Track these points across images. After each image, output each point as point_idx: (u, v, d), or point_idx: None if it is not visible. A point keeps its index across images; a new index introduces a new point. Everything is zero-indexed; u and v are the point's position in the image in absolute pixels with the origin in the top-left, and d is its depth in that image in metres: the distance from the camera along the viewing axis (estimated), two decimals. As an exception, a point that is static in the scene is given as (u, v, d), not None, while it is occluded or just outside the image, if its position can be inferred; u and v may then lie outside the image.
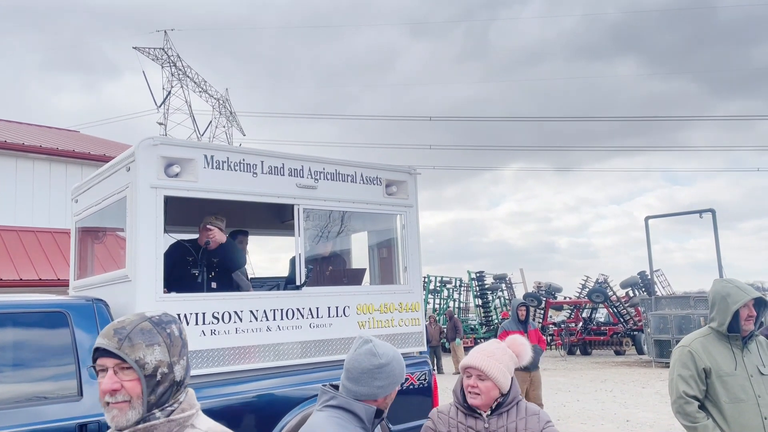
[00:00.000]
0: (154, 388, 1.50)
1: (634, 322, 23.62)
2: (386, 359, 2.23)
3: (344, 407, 2.18)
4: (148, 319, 1.56)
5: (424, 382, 4.94)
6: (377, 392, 2.21)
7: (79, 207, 5.18)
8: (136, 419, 1.49)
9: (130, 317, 1.56)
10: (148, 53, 43.51)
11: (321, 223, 5.55)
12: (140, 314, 1.57)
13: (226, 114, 48.08)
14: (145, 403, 1.49)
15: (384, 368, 2.21)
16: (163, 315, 1.60)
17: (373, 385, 2.20)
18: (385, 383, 2.21)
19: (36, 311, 3.63)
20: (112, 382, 1.48)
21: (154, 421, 1.51)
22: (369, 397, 2.21)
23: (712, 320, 3.35)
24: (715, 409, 3.22)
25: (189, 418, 1.57)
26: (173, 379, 1.54)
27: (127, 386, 1.49)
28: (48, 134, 16.87)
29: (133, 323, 1.53)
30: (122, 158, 4.22)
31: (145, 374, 1.48)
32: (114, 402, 1.49)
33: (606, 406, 11.36)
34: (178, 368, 1.55)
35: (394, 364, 2.25)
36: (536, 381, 8.23)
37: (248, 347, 4.24)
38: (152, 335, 1.52)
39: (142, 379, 1.48)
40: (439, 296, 28.91)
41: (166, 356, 1.52)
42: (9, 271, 11.40)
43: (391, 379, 2.23)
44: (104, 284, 4.42)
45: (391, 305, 5.02)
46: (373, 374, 2.20)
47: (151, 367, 1.49)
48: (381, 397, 2.22)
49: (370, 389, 2.20)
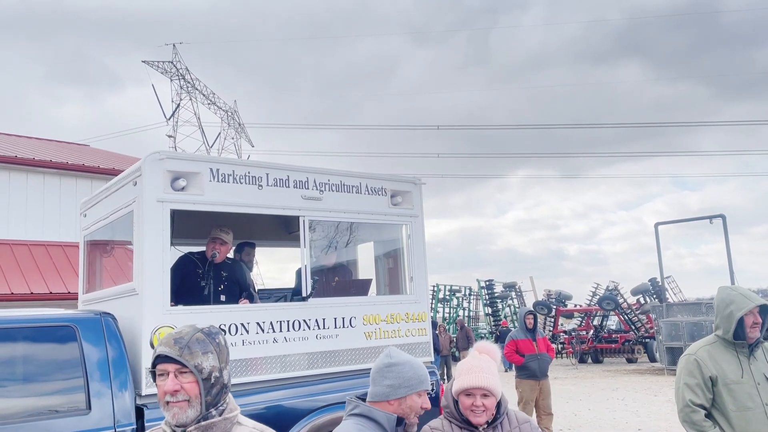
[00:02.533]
0: (209, 389, 1.74)
1: (645, 329, 23.45)
2: (397, 360, 2.31)
3: (366, 415, 2.25)
4: (200, 330, 1.80)
5: (431, 393, 4.92)
6: (388, 392, 2.26)
7: (87, 221, 5.23)
8: (196, 416, 1.72)
9: (186, 329, 1.80)
10: (157, 66, 43.91)
11: (327, 234, 5.57)
12: (193, 326, 1.82)
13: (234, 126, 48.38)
14: (203, 403, 1.73)
15: (393, 367, 2.28)
16: (212, 327, 1.85)
17: (383, 384, 2.27)
18: (395, 383, 2.27)
19: (45, 325, 3.66)
20: (174, 384, 1.71)
21: (212, 419, 1.74)
22: (381, 398, 2.27)
23: (717, 328, 3.33)
24: (722, 417, 3.19)
25: (236, 417, 1.81)
26: (223, 382, 1.78)
27: (186, 387, 1.72)
28: (58, 148, 17.04)
29: (190, 334, 1.77)
30: (129, 173, 4.27)
31: (203, 378, 1.72)
32: (174, 401, 1.71)
33: (618, 415, 11.27)
34: (226, 373, 1.80)
35: (406, 367, 2.30)
36: (545, 390, 8.18)
37: (255, 359, 4.25)
38: (206, 344, 1.76)
39: (200, 382, 1.72)
40: (448, 305, 28.85)
41: (217, 362, 1.77)
42: (20, 285, 11.49)
43: (402, 380, 2.27)
44: (112, 298, 4.46)
45: (397, 315, 5.03)
46: (382, 373, 2.28)
47: (206, 372, 1.73)
48: (393, 398, 2.27)
49: (381, 388, 2.27)
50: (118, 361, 3.78)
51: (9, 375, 3.45)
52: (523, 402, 8.12)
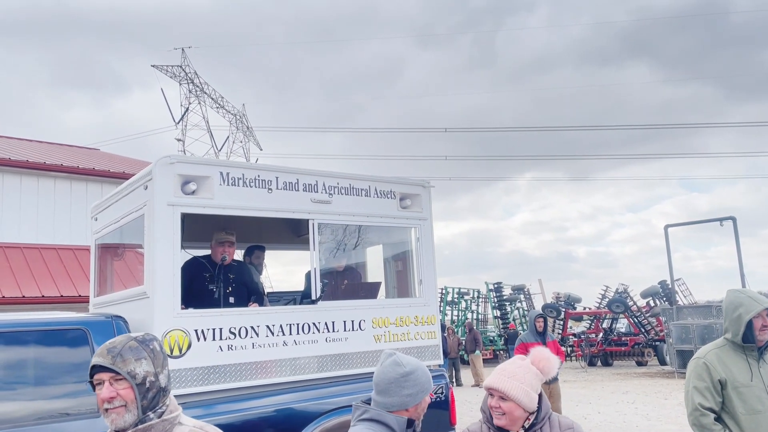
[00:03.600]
0: (145, 394, 1.79)
1: (655, 332, 23.31)
2: (410, 368, 2.32)
3: (377, 419, 2.26)
4: (133, 338, 1.86)
5: (441, 396, 4.93)
6: (407, 401, 2.29)
7: (98, 225, 5.26)
8: (134, 420, 1.78)
9: (119, 338, 1.86)
10: (166, 71, 44.12)
11: (336, 237, 5.59)
12: (127, 335, 1.88)
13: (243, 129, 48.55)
14: (139, 407, 1.78)
15: (409, 376, 2.30)
16: (146, 334, 1.91)
17: (401, 394, 2.28)
18: (413, 391, 2.29)
19: (56, 328, 3.70)
20: (109, 391, 1.77)
21: (149, 422, 1.80)
22: (400, 407, 2.29)
23: (726, 331, 3.31)
24: (732, 421, 3.18)
25: (177, 417, 1.87)
26: (159, 385, 1.84)
27: (122, 393, 1.78)
28: (68, 152, 17.16)
29: (122, 343, 1.83)
30: (140, 177, 4.30)
31: (137, 383, 1.78)
32: (112, 408, 1.78)
33: (628, 419, 11.21)
34: (162, 377, 1.85)
35: (419, 373, 2.33)
36: (555, 393, 8.16)
37: (265, 362, 4.27)
38: (139, 351, 1.82)
39: (134, 387, 1.77)
40: (456, 308, 28.79)
41: (151, 367, 1.83)
42: (31, 288, 11.57)
43: (419, 387, 2.31)
44: (123, 301, 4.49)
45: (406, 318, 5.03)
46: (400, 383, 2.29)
47: (141, 377, 1.79)
48: (411, 406, 2.30)
49: (400, 398, 2.28)
50: (129, 364, 3.80)
51: (21, 378, 3.48)
52: (532, 405, 8.09)
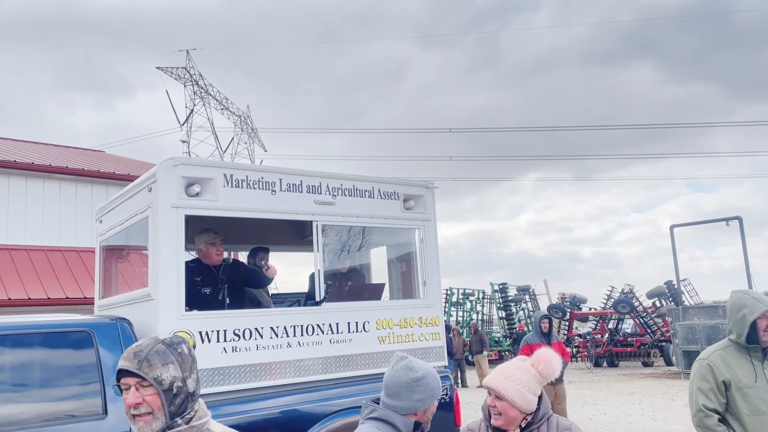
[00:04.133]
0: (172, 400, 1.73)
1: (661, 332, 23.22)
2: (422, 373, 2.34)
3: (384, 419, 2.29)
4: (161, 341, 1.79)
5: (446, 397, 4.92)
6: (417, 405, 2.31)
7: (103, 227, 5.28)
8: (161, 427, 1.73)
9: (146, 341, 1.79)
10: (171, 73, 44.24)
11: (340, 239, 5.59)
12: (154, 338, 1.81)
13: (247, 131, 48.63)
14: (166, 414, 1.73)
15: (421, 381, 2.32)
16: (174, 337, 1.85)
17: (412, 398, 2.31)
18: (424, 396, 2.32)
19: (62, 331, 3.71)
20: (135, 397, 1.72)
21: (177, 428, 1.75)
22: (409, 411, 2.31)
23: (730, 332, 3.30)
24: (736, 422, 3.16)
25: (205, 424, 1.81)
26: (187, 391, 1.77)
27: (148, 400, 1.72)
28: (74, 155, 17.22)
29: (149, 346, 1.76)
30: (144, 179, 4.31)
31: (163, 389, 1.72)
32: (138, 414, 1.73)
33: (634, 419, 11.17)
34: (190, 381, 1.78)
35: (430, 378, 2.36)
36: (561, 394, 8.14)
37: (269, 363, 4.27)
38: (166, 355, 1.76)
39: (161, 393, 1.72)
40: (462, 308, 28.75)
41: (179, 372, 1.76)
42: (37, 290, 11.61)
43: (429, 392, 2.34)
44: (128, 303, 4.50)
45: (410, 320, 5.03)
46: (411, 388, 2.31)
47: (167, 383, 1.73)
48: (420, 410, 2.33)
49: (410, 402, 2.31)
50: (133, 366, 3.80)
51: (27, 380, 3.49)
52: (537, 406, 8.08)
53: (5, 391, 3.43)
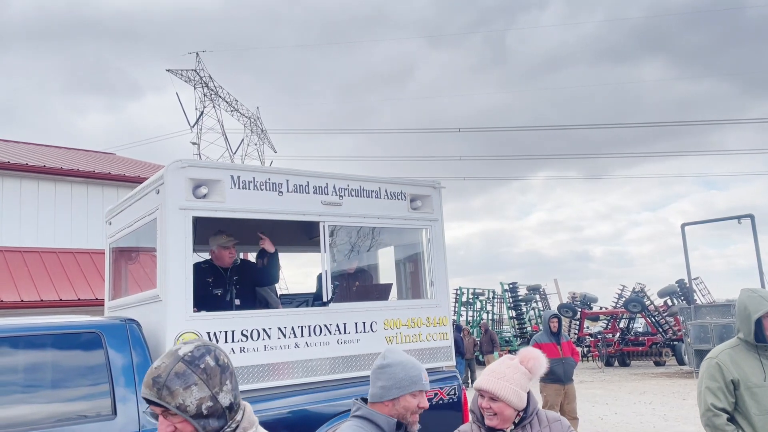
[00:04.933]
0: (206, 421, 1.56)
1: (673, 331, 23.08)
2: (389, 361, 2.33)
3: (367, 417, 2.29)
4: (181, 359, 1.58)
5: (454, 397, 4.92)
6: (382, 393, 2.30)
7: (112, 229, 5.32)
8: None
9: (165, 361, 1.59)
10: (180, 75, 44.46)
11: (347, 239, 5.60)
12: (174, 354, 1.60)
13: (257, 132, 48.78)
14: None
15: (385, 369, 2.31)
16: (196, 349, 1.60)
17: (376, 385, 2.31)
18: (387, 384, 2.29)
19: (71, 332, 3.74)
20: (165, 427, 1.57)
21: None
22: (376, 398, 2.31)
23: (738, 331, 3.28)
24: (745, 421, 3.14)
25: None
26: (220, 407, 1.58)
27: (179, 427, 1.56)
28: (85, 157, 17.36)
29: (168, 368, 1.56)
30: (152, 181, 4.34)
31: (191, 415, 1.54)
32: None
33: (645, 419, 11.11)
34: (223, 395, 1.59)
35: (397, 368, 2.31)
36: (570, 394, 8.10)
37: (277, 364, 4.29)
38: (187, 376, 1.55)
39: (190, 420, 1.54)
40: (472, 308, 28.71)
41: (206, 391, 1.56)
42: (49, 292, 11.72)
43: (393, 381, 2.29)
44: (137, 304, 4.53)
45: (418, 320, 5.03)
46: (376, 374, 2.32)
47: (194, 408, 1.54)
48: (387, 399, 2.29)
49: (375, 389, 2.32)
50: (142, 366, 3.83)
51: (36, 381, 3.53)
52: (548, 406, 8.05)
53: (17, 392, 3.46)
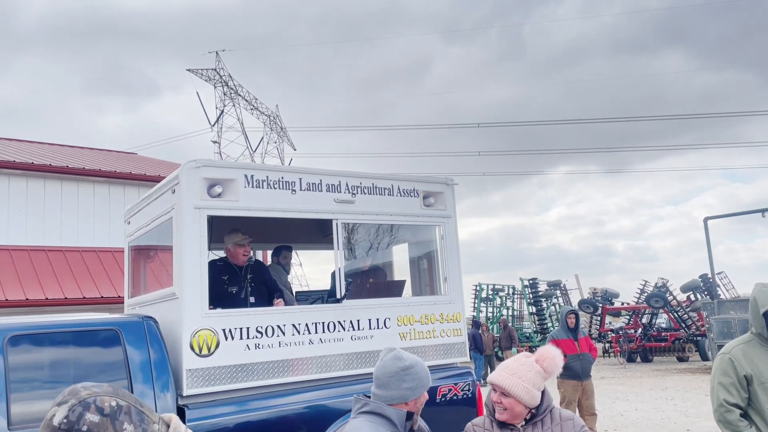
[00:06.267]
0: None
1: (696, 327, 22.79)
2: (411, 362, 2.40)
3: (377, 412, 2.33)
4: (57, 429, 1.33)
5: (468, 393, 4.95)
6: (407, 394, 2.36)
7: (131, 228, 5.43)
8: None
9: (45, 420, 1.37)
10: (201, 74, 44.85)
11: (361, 237, 5.64)
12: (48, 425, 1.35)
13: (276, 130, 49.05)
14: None
15: (410, 370, 2.37)
16: (71, 412, 1.35)
17: (401, 387, 2.35)
18: (413, 384, 2.37)
19: (90, 329, 3.84)
20: None
21: None
22: (400, 400, 2.36)
23: (751, 325, 3.26)
24: (758, 417, 3.12)
25: None
26: None
27: None
28: (107, 158, 17.63)
29: None
30: (168, 181, 4.42)
31: None
32: None
33: (666, 415, 11.02)
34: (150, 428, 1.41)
35: (419, 367, 2.41)
36: (588, 390, 8.07)
37: (292, 360, 4.35)
38: None
39: None
40: (491, 304, 28.63)
41: None
42: (72, 290, 11.94)
43: (418, 381, 2.38)
44: (155, 302, 4.62)
45: (432, 316, 5.06)
46: (400, 377, 2.36)
47: None
48: (411, 399, 2.37)
49: (400, 392, 2.35)
50: (159, 362, 3.92)
51: (56, 377, 3.62)
52: (565, 402, 8.03)
53: (38, 388, 3.56)
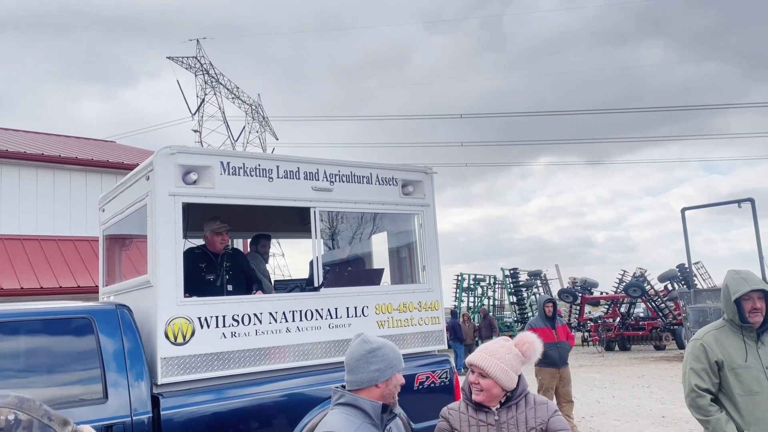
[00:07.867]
0: None
1: (673, 316, 23.14)
2: (377, 344, 2.38)
3: (352, 404, 2.32)
4: None
5: (446, 380, 4.96)
6: (376, 376, 2.34)
7: (105, 216, 5.35)
8: None
9: None
10: (181, 62, 44.30)
11: (339, 225, 5.61)
12: None
13: (258, 119, 48.69)
14: None
15: (377, 352, 2.36)
16: None
17: (370, 369, 2.34)
18: (381, 366, 2.34)
19: (63, 317, 3.78)
20: None
21: None
22: (369, 383, 2.34)
23: (723, 312, 3.30)
24: (728, 402, 3.17)
25: None
26: None
27: None
28: (84, 145, 17.37)
29: None
30: (142, 168, 4.36)
31: None
32: None
33: (642, 402, 11.18)
34: None
35: (387, 349, 2.39)
36: (565, 377, 8.15)
37: (268, 348, 4.32)
38: None
39: None
40: (473, 294, 28.80)
41: None
42: (49, 279, 11.79)
43: (387, 362, 2.36)
44: (129, 290, 4.57)
45: (410, 304, 5.06)
46: (367, 359, 2.35)
47: None
48: (381, 381, 2.34)
49: (369, 374, 2.34)
50: (133, 351, 3.87)
51: (28, 366, 3.57)
52: (543, 389, 8.10)
53: (9, 377, 3.50)
